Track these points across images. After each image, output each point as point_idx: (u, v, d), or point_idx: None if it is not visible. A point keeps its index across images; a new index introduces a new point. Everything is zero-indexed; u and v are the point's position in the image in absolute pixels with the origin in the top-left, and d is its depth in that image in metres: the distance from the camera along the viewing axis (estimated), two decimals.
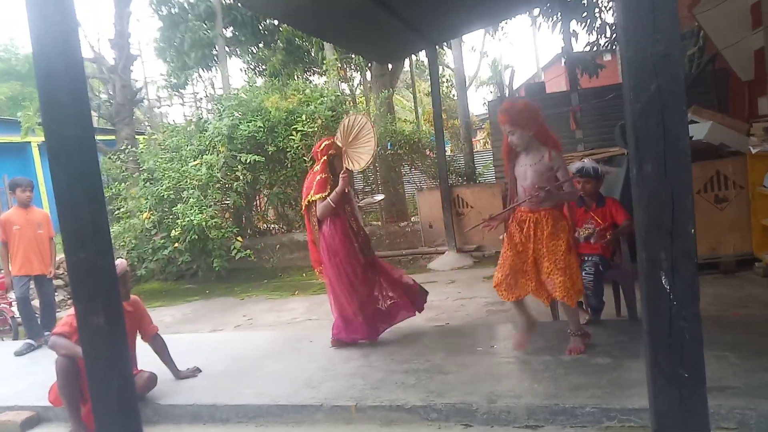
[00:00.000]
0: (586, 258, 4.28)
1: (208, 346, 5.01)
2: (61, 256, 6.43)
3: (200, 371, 4.19)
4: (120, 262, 3.50)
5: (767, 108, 6.67)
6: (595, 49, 10.45)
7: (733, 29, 6.84)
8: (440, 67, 17.09)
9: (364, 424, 3.26)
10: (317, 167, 4.42)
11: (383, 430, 3.18)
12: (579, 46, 10.79)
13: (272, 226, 10.64)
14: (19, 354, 5.23)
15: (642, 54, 1.36)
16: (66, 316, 3.62)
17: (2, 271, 6.47)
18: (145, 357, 3.96)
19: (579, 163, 4.51)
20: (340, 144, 4.41)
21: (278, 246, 9.52)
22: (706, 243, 5.69)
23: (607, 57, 12.73)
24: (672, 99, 1.29)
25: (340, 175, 4.33)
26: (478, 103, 48.74)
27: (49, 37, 1.94)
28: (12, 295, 6.92)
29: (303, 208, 4.49)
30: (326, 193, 4.29)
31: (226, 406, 3.62)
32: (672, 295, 1.31)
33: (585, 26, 10.19)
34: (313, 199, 4.34)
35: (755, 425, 2.74)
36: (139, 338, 3.93)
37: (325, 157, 4.39)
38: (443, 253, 8.35)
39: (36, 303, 5.90)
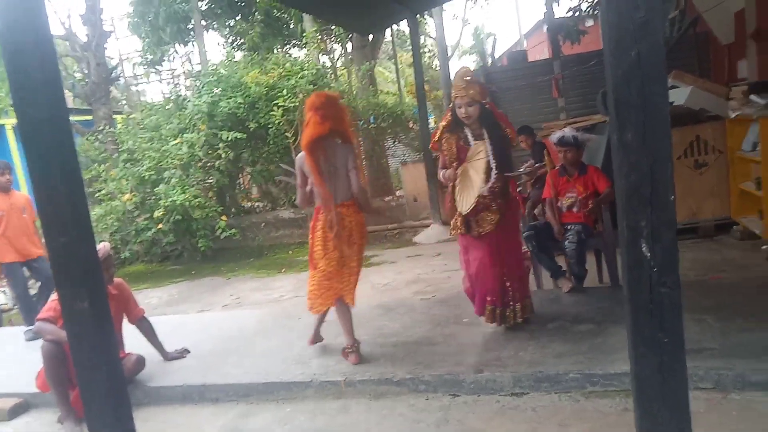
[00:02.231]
0: (569, 227, 4.33)
1: (196, 326, 5.01)
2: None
3: (189, 352, 4.19)
4: (103, 246, 3.45)
5: (746, 71, 6.70)
6: (577, 14, 10.38)
7: None
8: (422, 37, 16.87)
9: (353, 399, 3.31)
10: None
11: (373, 404, 3.23)
12: (561, 11, 10.71)
13: (256, 204, 10.58)
14: (31, 340, 5.14)
15: (622, 19, 1.35)
16: (50, 301, 3.58)
17: None
18: (132, 339, 3.96)
19: (559, 132, 4.53)
20: None
21: (263, 224, 9.47)
22: (686, 208, 5.78)
23: (589, 23, 12.64)
24: (652, 66, 1.29)
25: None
26: None
27: (16, 13, 1.87)
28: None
29: None
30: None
31: (216, 385, 3.64)
32: (652, 263, 1.33)
33: None
34: None
35: (731, 384, 2.83)
36: (126, 321, 3.92)
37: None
38: (428, 226, 8.38)
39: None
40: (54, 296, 3.50)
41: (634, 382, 1.49)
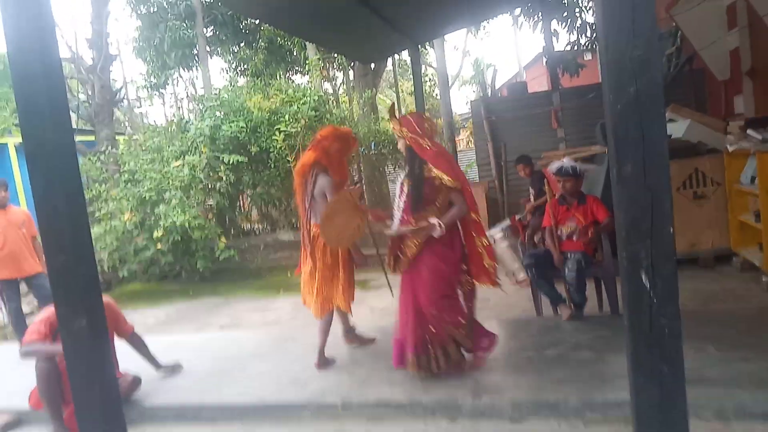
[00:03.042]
0: (569, 255, 4.35)
1: (193, 346, 4.97)
2: None
3: (182, 367, 4.21)
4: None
5: (743, 106, 6.81)
6: (575, 48, 10.58)
7: (709, 30, 6.97)
8: (423, 66, 17.13)
9: (350, 421, 3.28)
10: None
11: (370, 427, 3.19)
12: (560, 45, 10.91)
13: (256, 226, 10.59)
14: (26, 356, 5.09)
15: (621, 57, 1.39)
16: (32, 324, 3.57)
17: None
18: (127, 357, 3.93)
19: (558, 163, 4.59)
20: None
21: (262, 246, 9.47)
22: (686, 239, 5.80)
23: (588, 56, 12.87)
24: (650, 102, 1.32)
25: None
26: (460, 102, 48.95)
27: (26, 38, 1.91)
28: None
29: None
30: None
31: (212, 406, 3.61)
32: (652, 293, 1.34)
33: (566, 26, 10.31)
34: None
35: (732, 414, 2.81)
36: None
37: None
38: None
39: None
40: (38, 317, 3.50)
41: (634, 412, 1.49)
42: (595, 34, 9.94)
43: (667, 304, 1.35)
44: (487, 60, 27.06)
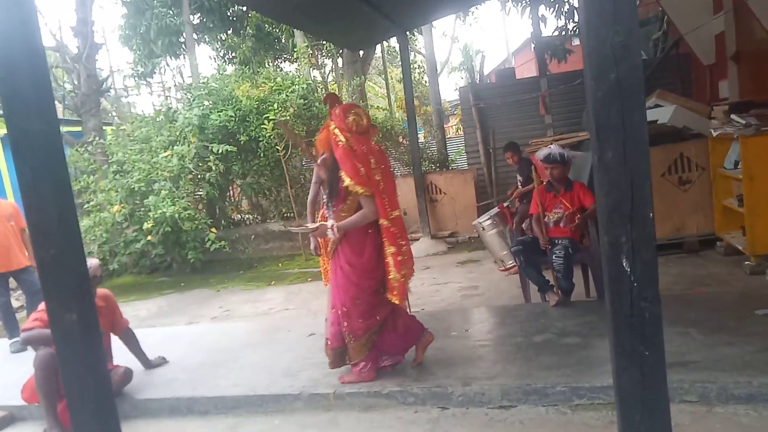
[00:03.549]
0: (556, 241, 4.40)
1: (185, 338, 4.99)
2: None
3: (167, 360, 4.24)
4: (92, 262, 3.46)
5: (728, 91, 6.87)
6: (563, 33, 10.57)
7: (695, 14, 7.01)
8: (411, 53, 17.05)
9: (343, 411, 3.31)
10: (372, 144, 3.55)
11: (362, 416, 3.23)
12: (548, 31, 10.89)
13: (246, 216, 10.57)
14: (17, 352, 5.10)
15: (602, 44, 1.40)
16: (34, 313, 3.57)
17: None
18: (115, 350, 3.94)
19: (546, 150, 4.61)
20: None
21: (253, 236, 9.46)
22: (671, 224, 5.88)
23: (576, 42, 12.88)
24: (631, 88, 1.34)
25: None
26: (449, 89, 48.80)
27: (7, 26, 1.89)
28: None
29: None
30: None
31: (205, 398, 3.63)
32: (633, 277, 1.38)
33: (553, 11, 10.28)
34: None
35: (715, 397, 2.87)
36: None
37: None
38: (418, 239, 8.42)
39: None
40: (40, 307, 3.49)
41: (617, 393, 1.53)
42: None
43: (647, 288, 1.38)
44: (475, 46, 27.00)
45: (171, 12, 12.74)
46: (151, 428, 3.49)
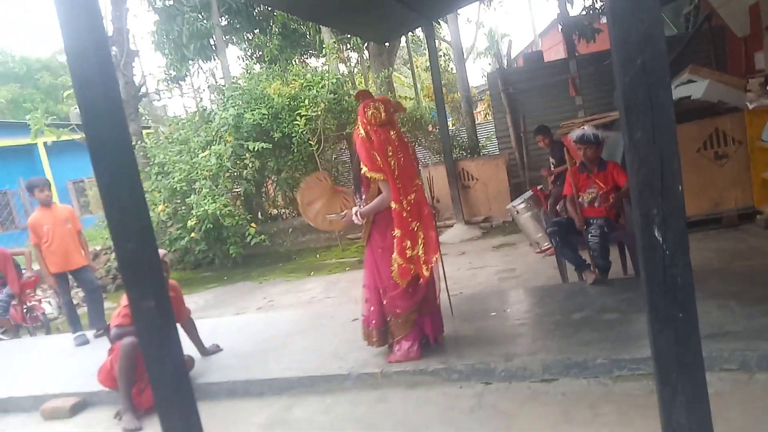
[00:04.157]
0: (591, 221, 4.46)
1: (234, 328, 5.25)
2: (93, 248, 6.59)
3: (221, 348, 4.53)
4: (160, 252, 3.74)
5: (763, 63, 6.74)
6: (590, 13, 10.44)
7: None
8: (437, 41, 17.05)
9: (390, 389, 3.49)
10: (393, 132, 3.67)
11: (409, 393, 3.40)
12: (575, 11, 10.77)
13: (283, 210, 10.86)
14: (81, 345, 5.51)
15: (628, 32, 1.52)
16: (118, 309, 3.88)
17: (33, 272, 6.74)
18: None
19: (579, 131, 4.65)
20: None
21: (290, 230, 9.74)
22: (709, 199, 5.85)
23: (604, 20, 12.69)
24: (656, 72, 1.45)
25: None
26: (476, 74, 48.36)
27: (83, 48, 2.11)
28: (40, 293, 7.21)
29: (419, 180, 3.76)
30: None
31: (259, 380, 3.85)
32: (665, 246, 1.49)
33: None
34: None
35: (756, 365, 2.93)
36: None
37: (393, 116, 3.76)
38: (452, 226, 8.54)
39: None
40: (123, 303, 3.78)
41: (654, 355, 1.65)
42: None
43: (679, 256, 1.49)
44: (501, 30, 26.71)
45: (201, 16, 13.08)
46: (212, 409, 3.72)
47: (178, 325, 4.15)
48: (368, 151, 3.51)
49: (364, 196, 3.69)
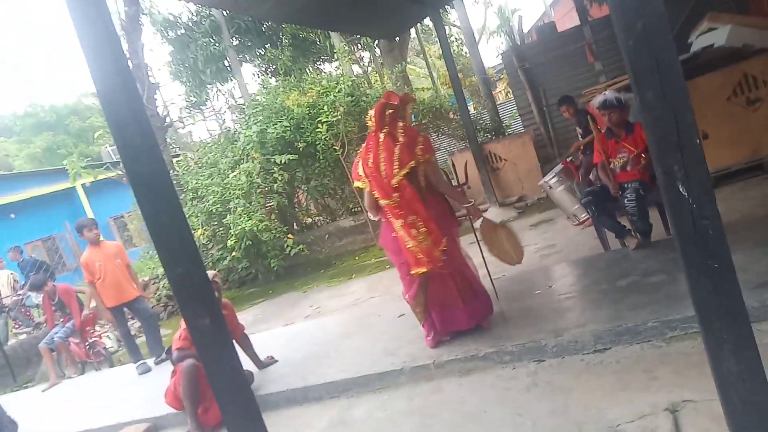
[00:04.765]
0: (626, 185, 4.39)
1: (285, 338, 5.39)
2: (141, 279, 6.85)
3: (276, 359, 4.65)
4: (211, 273, 3.90)
5: None
6: None
7: None
8: (447, 28, 16.95)
9: (444, 378, 3.53)
10: (400, 132, 3.68)
11: (463, 380, 3.44)
12: None
13: (316, 218, 11.03)
14: (144, 373, 5.78)
15: None
16: (178, 332, 4.06)
17: (90, 309, 7.06)
18: None
19: (601, 96, 4.57)
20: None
21: (327, 236, 9.89)
22: (746, 146, 5.67)
23: None
24: (658, 32, 1.47)
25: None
26: (491, 55, 47.74)
27: (114, 90, 2.23)
28: (100, 329, 7.54)
29: (401, 176, 3.60)
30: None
31: (316, 385, 3.96)
32: (690, 199, 1.50)
33: None
34: (426, 158, 3.66)
35: None
36: None
37: (389, 116, 3.72)
38: (486, 210, 8.51)
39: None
40: (182, 327, 3.96)
41: (695, 306, 1.66)
42: None
43: (706, 206, 1.50)
44: (510, 6, 26.30)
45: (213, 39, 13.38)
46: (273, 418, 3.85)
47: (234, 342, 4.34)
48: (355, 163, 3.83)
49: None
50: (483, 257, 4.28)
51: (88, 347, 6.98)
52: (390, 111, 3.70)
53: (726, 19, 6.06)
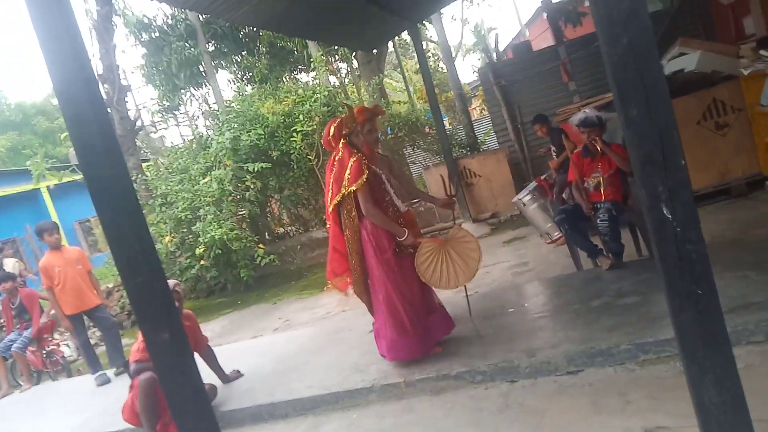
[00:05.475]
0: (599, 205, 4.41)
1: (253, 351, 5.23)
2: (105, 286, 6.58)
3: (242, 373, 4.49)
4: (171, 283, 3.72)
5: (753, 28, 6.69)
6: None
7: None
8: (424, 42, 17.07)
9: (415, 397, 3.44)
10: (339, 154, 3.67)
11: (435, 399, 3.36)
12: None
13: (289, 228, 10.86)
14: (102, 384, 5.54)
15: (611, 11, 1.49)
16: (136, 344, 3.86)
17: (49, 317, 6.76)
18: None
19: (581, 114, 4.56)
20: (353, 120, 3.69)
21: (299, 246, 9.73)
22: (715, 170, 5.78)
23: (587, 2, 12.65)
24: (643, 48, 1.43)
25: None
26: (467, 71, 48.37)
27: (74, 88, 2.10)
28: (58, 336, 7.22)
29: (331, 208, 3.72)
30: (365, 177, 3.55)
31: (283, 402, 3.82)
32: (675, 222, 1.46)
33: None
34: (351, 190, 3.56)
35: None
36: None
37: (342, 140, 3.69)
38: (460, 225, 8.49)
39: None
40: (139, 338, 3.78)
41: (677, 334, 1.61)
42: None
43: (690, 230, 1.46)
44: (487, 24, 26.73)
45: (188, 44, 13.17)
46: None
47: (197, 355, 4.17)
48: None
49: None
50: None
51: (45, 356, 6.67)
52: (335, 134, 3.71)
53: (696, 45, 6.21)
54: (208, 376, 4.28)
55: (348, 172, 3.56)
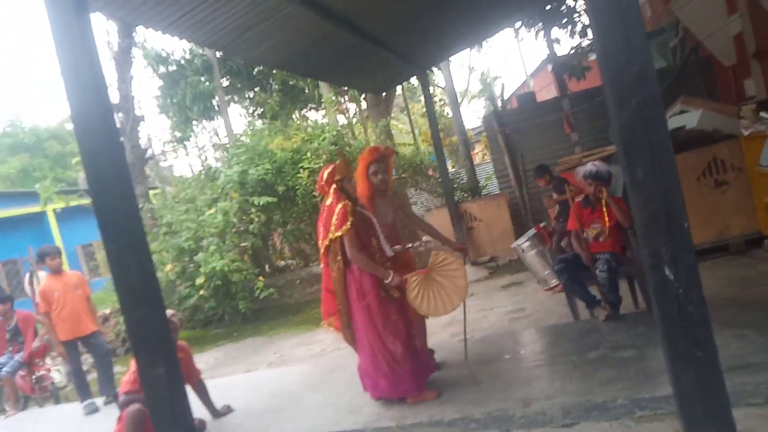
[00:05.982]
0: (598, 256, 4.43)
1: (246, 386, 5.16)
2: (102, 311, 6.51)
3: (233, 409, 4.44)
4: (169, 313, 3.71)
5: (754, 89, 6.85)
6: (579, 51, 10.71)
7: (709, 18, 7.07)
8: (431, 88, 17.43)
9: None
10: (329, 200, 3.82)
11: None
12: (564, 49, 11.06)
13: (290, 262, 10.87)
14: (90, 413, 5.44)
15: (620, 74, 1.56)
16: (127, 375, 3.82)
17: (42, 341, 6.70)
18: None
19: (591, 166, 4.56)
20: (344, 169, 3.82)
21: (298, 281, 9.71)
22: (713, 227, 5.83)
23: (593, 57, 12.98)
24: (651, 111, 1.48)
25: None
26: (471, 117, 49.20)
27: (91, 120, 2.17)
28: (50, 362, 7.14)
29: (322, 251, 3.86)
30: (350, 224, 3.64)
31: None
32: (677, 284, 1.48)
33: (567, 31, 10.47)
34: (337, 236, 3.67)
35: None
36: None
37: (333, 185, 3.80)
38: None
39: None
40: (131, 369, 3.74)
41: (676, 397, 1.61)
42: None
43: (692, 292, 1.48)
44: (493, 72, 27.35)
45: (203, 78, 13.49)
46: None
47: (189, 387, 4.12)
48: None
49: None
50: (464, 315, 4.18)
51: (34, 381, 6.57)
52: (328, 179, 3.83)
53: (697, 104, 6.36)
54: (198, 409, 4.22)
55: (335, 218, 3.69)
